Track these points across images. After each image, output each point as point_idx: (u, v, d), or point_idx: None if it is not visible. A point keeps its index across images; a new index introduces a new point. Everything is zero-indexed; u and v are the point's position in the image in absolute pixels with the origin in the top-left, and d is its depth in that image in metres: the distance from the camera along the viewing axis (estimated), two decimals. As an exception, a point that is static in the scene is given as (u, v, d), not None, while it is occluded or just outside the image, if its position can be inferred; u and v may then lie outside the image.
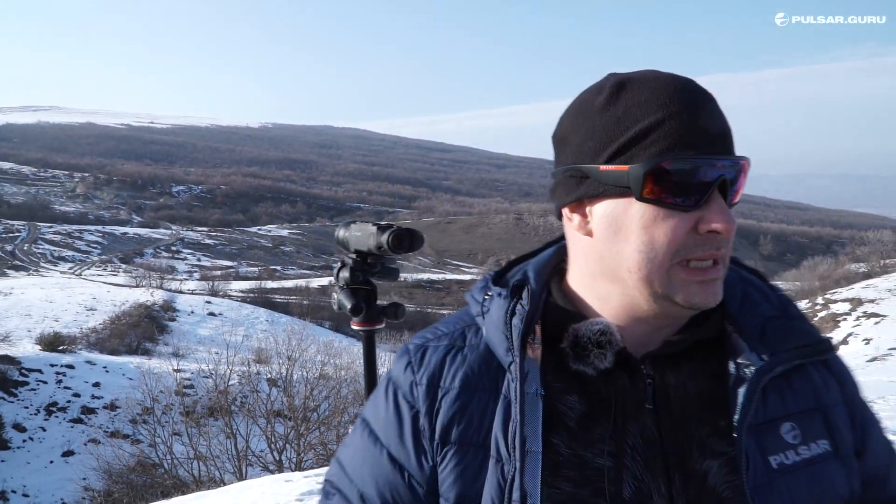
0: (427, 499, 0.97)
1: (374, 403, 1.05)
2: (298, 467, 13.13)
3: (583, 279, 0.99)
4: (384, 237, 2.20)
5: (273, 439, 14.66)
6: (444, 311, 53.04)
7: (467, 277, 77.98)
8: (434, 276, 77.17)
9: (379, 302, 2.42)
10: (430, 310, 54.42)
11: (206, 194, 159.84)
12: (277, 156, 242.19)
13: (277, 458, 14.38)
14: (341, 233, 2.38)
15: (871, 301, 21.50)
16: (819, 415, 0.95)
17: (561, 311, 0.99)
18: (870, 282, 27.13)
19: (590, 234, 0.95)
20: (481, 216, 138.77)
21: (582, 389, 0.94)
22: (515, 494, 0.88)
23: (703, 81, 0.91)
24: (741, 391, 0.91)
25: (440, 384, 0.98)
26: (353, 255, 2.35)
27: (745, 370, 0.93)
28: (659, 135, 0.87)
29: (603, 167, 0.90)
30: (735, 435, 0.89)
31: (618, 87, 0.92)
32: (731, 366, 0.94)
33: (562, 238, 1.07)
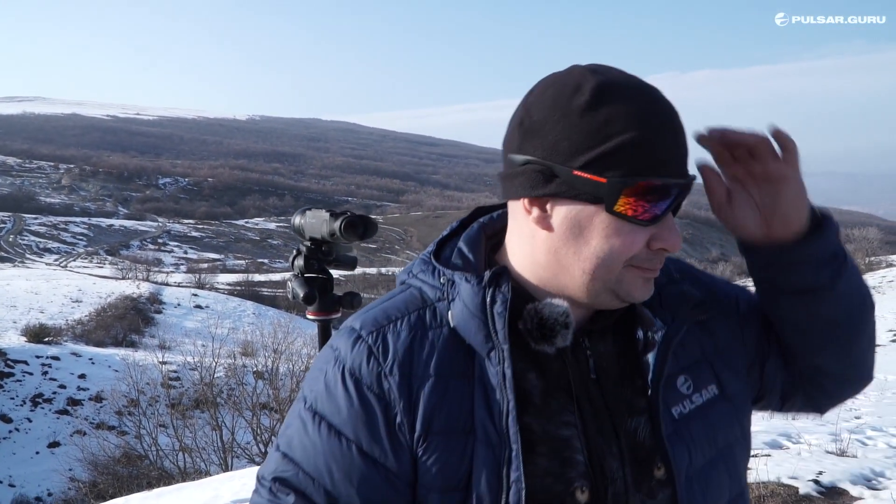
0: (405, 491, 0.95)
1: (327, 394, 0.97)
2: (284, 459, 13.12)
3: (528, 263, 1.01)
4: (337, 224, 2.15)
5: (259, 431, 14.66)
6: (432, 305, 53.06)
7: (455, 272, 77.97)
8: (422, 270, 77.09)
9: (335, 291, 2.34)
10: (417, 304, 54.31)
11: (193, 187, 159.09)
12: (265, 148, 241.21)
13: (263, 450, 14.40)
14: (297, 220, 2.33)
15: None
16: (706, 363, 1.06)
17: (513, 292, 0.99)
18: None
19: (549, 229, 0.96)
20: (470, 210, 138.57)
21: (538, 366, 0.98)
22: (513, 476, 0.90)
23: (695, 77, 1.04)
24: (651, 354, 1.01)
25: (412, 372, 0.95)
26: (308, 243, 2.30)
27: (653, 335, 1.01)
28: (639, 152, 0.89)
29: (577, 172, 0.91)
30: (651, 393, 0.99)
31: (598, 92, 0.91)
32: (640, 332, 1.02)
33: (477, 214, 1.14)
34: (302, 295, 2.22)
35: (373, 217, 2.25)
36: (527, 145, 0.95)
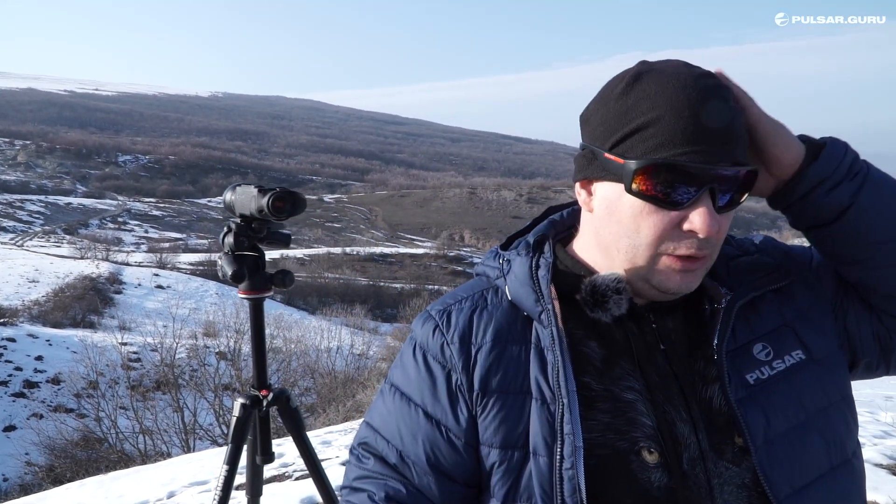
0: (466, 450, 1.03)
1: (401, 368, 1.11)
2: (246, 440, 13.07)
3: (587, 246, 1.10)
4: (265, 200, 2.11)
5: (221, 413, 14.56)
6: (397, 285, 53.03)
7: (420, 251, 77.94)
8: (387, 250, 76.81)
9: (267, 269, 2.31)
10: (382, 283, 54.26)
11: (153, 164, 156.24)
12: (228, 126, 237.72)
13: (226, 432, 14.30)
14: (228, 196, 2.29)
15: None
16: (788, 329, 1.06)
17: (568, 271, 1.09)
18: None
19: (591, 209, 1.05)
20: (435, 190, 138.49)
21: (599, 335, 1.04)
22: (567, 428, 0.95)
23: (659, 57, 0.95)
24: (717, 321, 1.03)
25: (472, 340, 1.05)
26: (238, 220, 2.25)
27: (717, 305, 1.04)
28: (656, 131, 0.93)
29: (606, 154, 0.98)
30: (716, 358, 1.01)
31: (635, 77, 0.98)
32: (707, 304, 1.06)
33: (548, 213, 1.21)
34: (230, 273, 2.18)
35: (301, 192, 2.19)
36: (583, 134, 1.06)
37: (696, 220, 0.94)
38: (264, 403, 2.32)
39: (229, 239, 2.23)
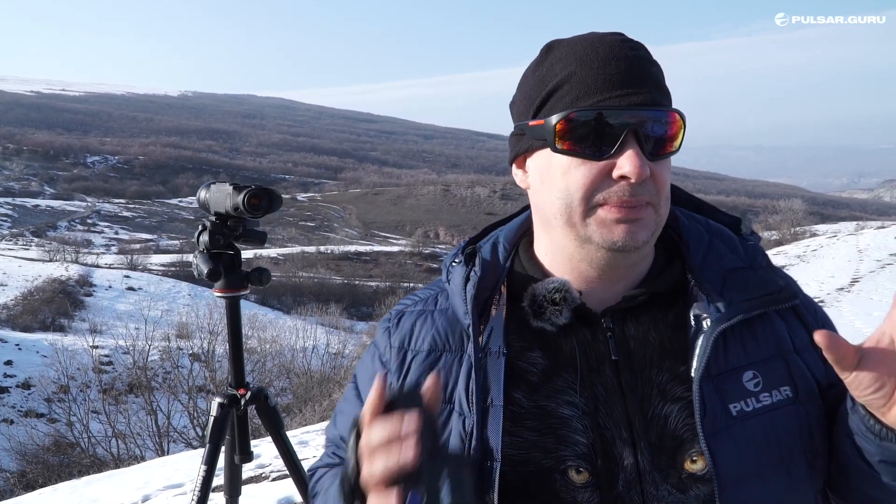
0: None
1: (361, 362, 1.16)
2: (222, 442, 12.99)
3: (539, 237, 1.07)
4: (240, 198, 2.10)
5: (196, 415, 14.44)
6: (372, 284, 52.87)
7: (395, 249, 77.81)
8: (361, 248, 76.65)
9: (243, 267, 2.30)
10: (357, 282, 54.08)
11: (123, 165, 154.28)
12: (198, 125, 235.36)
13: (201, 434, 14.19)
14: (202, 194, 2.27)
15: (782, 267, 22.44)
16: (781, 361, 0.97)
17: (524, 274, 1.06)
18: (781, 248, 28.32)
19: (528, 186, 1.04)
20: (409, 187, 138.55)
21: (545, 345, 0.99)
22: (475, 444, 0.94)
23: None
24: (699, 341, 0.95)
25: (409, 347, 1.07)
26: (213, 218, 2.23)
27: (704, 321, 0.96)
28: (569, 87, 0.93)
29: (531, 122, 0.98)
30: (694, 382, 0.93)
31: (547, 49, 1.00)
32: (691, 316, 0.98)
33: (527, 209, 1.15)
34: (206, 271, 2.17)
35: (277, 190, 2.19)
36: (513, 119, 1.06)
37: (625, 163, 0.90)
38: (242, 402, 2.30)
39: (204, 237, 2.21)
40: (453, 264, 1.08)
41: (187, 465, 5.76)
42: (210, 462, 2.21)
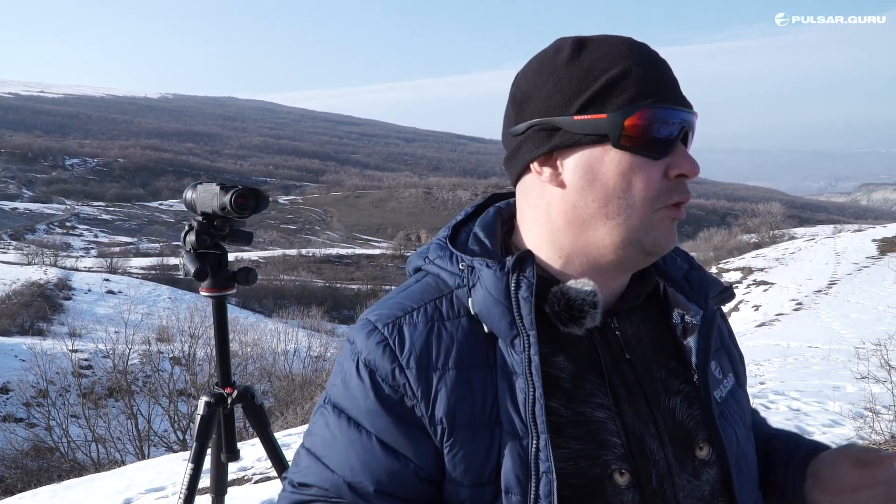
0: (430, 481, 0.93)
1: (343, 387, 0.97)
2: (203, 446, 12.90)
3: (544, 240, 1.00)
4: (227, 198, 2.12)
5: (176, 418, 14.34)
6: (354, 286, 52.71)
7: (377, 252, 77.64)
8: (343, 251, 76.40)
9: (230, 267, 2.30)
10: (339, 285, 53.90)
11: (102, 167, 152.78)
12: (179, 128, 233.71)
13: (182, 438, 14.08)
14: (188, 194, 2.29)
15: (761, 270, 22.65)
16: (724, 352, 1.09)
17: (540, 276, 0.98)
18: (760, 251, 28.63)
19: (562, 185, 0.95)
20: (390, 190, 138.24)
21: (563, 349, 0.96)
22: (543, 466, 0.88)
23: None
24: (692, 338, 1.01)
25: (432, 366, 0.93)
26: (200, 218, 2.25)
27: (690, 318, 1.02)
28: (629, 83, 0.91)
29: (577, 117, 0.92)
30: (697, 377, 1.00)
31: (578, 45, 0.95)
32: (676, 315, 1.03)
33: (493, 200, 1.12)
34: (193, 271, 2.16)
35: (263, 190, 2.21)
36: (524, 114, 0.98)
37: (684, 162, 0.92)
38: (229, 401, 2.32)
39: (191, 237, 2.22)
40: (484, 268, 0.96)
41: (169, 468, 5.73)
42: (197, 460, 2.23)
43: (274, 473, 5.27)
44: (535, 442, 0.88)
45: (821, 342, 10.84)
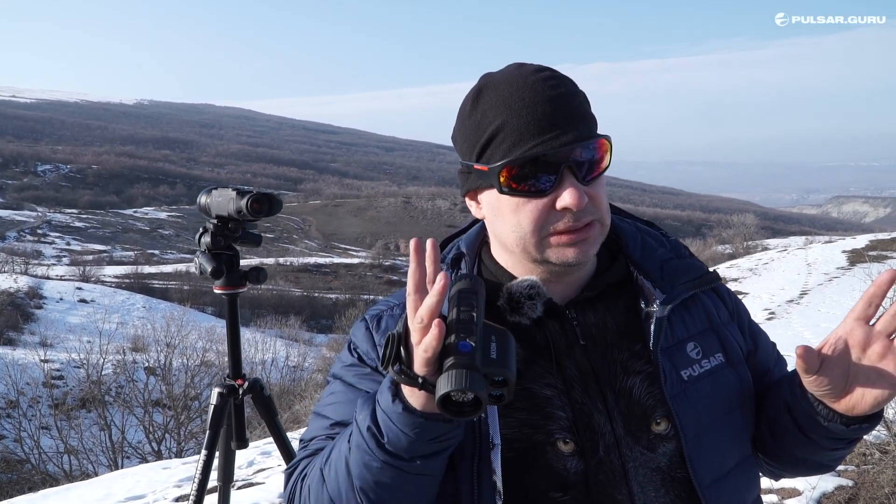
0: None
1: (341, 364, 1.22)
2: (179, 457, 12.80)
3: (497, 250, 1.20)
4: (243, 202, 2.30)
5: (151, 429, 14.20)
6: (332, 296, 52.52)
7: (355, 261, 77.42)
8: (321, 260, 76.09)
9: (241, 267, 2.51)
10: (317, 294, 53.70)
11: (75, 174, 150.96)
12: (154, 134, 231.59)
13: (156, 449, 13.95)
14: (203, 199, 2.48)
15: (735, 280, 22.87)
16: (713, 333, 1.19)
17: (491, 277, 1.18)
18: (734, 262, 28.95)
19: (483, 217, 1.17)
20: (369, 199, 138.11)
21: (520, 338, 1.09)
22: (484, 429, 1.04)
23: (590, 69, 0.93)
24: (652, 322, 1.13)
25: None
26: (215, 221, 2.43)
27: (653, 305, 1.14)
28: (504, 136, 1.05)
29: (476, 165, 1.10)
30: (652, 357, 1.11)
31: (478, 93, 1.11)
32: (642, 302, 1.16)
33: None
34: (210, 269, 2.36)
35: (277, 195, 2.38)
36: (457, 152, 1.17)
37: (566, 196, 1.03)
38: (240, 392, 2.52)
39: (206, 238, 2.42)
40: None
41: (148, 476, 5.70)
42: (210, 447, 2.44)
43: (257, 479, 5.27)
44: None
45: (793, 350, 11.01)
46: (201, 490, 2.43)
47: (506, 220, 1.10)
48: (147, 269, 59.91)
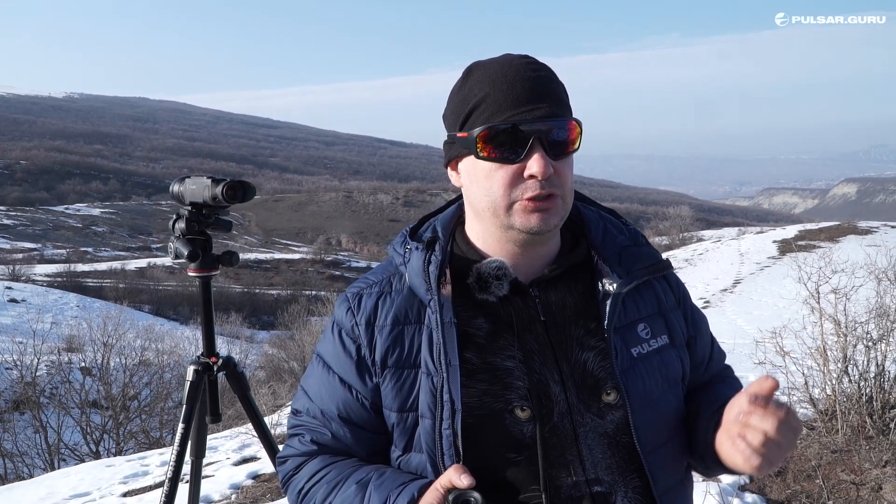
0: (372, 409, 1.26)
1: (324, 341, 1.34)
2: (121, 454, 12.54)
3: (472, 229, 1.31)
4: (219, 189, 2.44)
5: (89, 430, 13.85)
6: (273, 292, 51.88)
7: (296, 256, 76.58)
8: (262, 256, 75.03)
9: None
10: (258, 290, 52.98)
11: (2, 170, 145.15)
12: (86, 129, 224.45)
13: (94, 450, 13.62)
14: (176, 187, 2.60)
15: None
16: (660, 317, 1.32)
17: (463, 256, 1.29)
18: (670, 253, 29.63)
19: (461, 185, 1.28)
20: (310, 194, 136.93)
21: (487, 313, 1.24)
22: (445, 396, 1.17)
23: None
24: (608, 303, 1.24)
25: (375, 323, 1.27)
26: (189, 208, 2.55)
27: (609, 287, 1.26)
28: (486, 105, 1.18)
29: (459, 134, 1.22)
30: (606, 334, 1.22)
31: (468, 72, 1.24)
32: (599, 284, 1.28)
33: (460, 197, 1.38)
34: (187, 253, 2.47)
35: (250, 181, 2.54)
36: (445, 129, 1.28)
37: (532, 165, 1.15)
38: (214, 369, 2.66)
39: (181, 224, 2.54)
40: (414, 250, 1.28)
41: (91, 474, 5.62)
42: (187, 420, 2.58)
43: (211, 472, 5.25)
44: (440, 379, 1.18)
45: (726, 337, 11.42)
46: (179, 461, 2.54)
47: (480, 184, 1.20)
48: (80, 268, 58.11)
